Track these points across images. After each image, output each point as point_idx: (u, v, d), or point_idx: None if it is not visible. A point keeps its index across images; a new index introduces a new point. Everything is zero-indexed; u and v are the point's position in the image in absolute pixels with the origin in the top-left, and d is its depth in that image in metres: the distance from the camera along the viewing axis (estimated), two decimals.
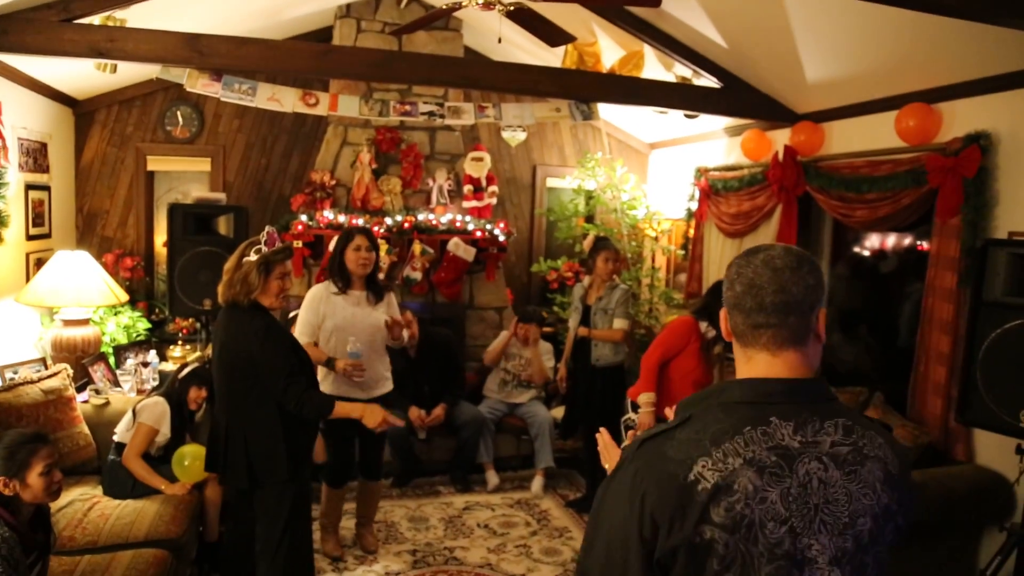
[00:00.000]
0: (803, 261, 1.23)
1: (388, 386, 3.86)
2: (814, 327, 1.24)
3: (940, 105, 3.65)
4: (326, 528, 3.98)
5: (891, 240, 4.45)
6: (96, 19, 3.83)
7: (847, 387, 4.08)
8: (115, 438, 3.62)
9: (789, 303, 1.21)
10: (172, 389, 3.72)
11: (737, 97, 4.60)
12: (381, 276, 3.74)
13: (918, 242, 4.22)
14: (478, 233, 5.48)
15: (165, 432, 3.60)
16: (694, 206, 5.61)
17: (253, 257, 2.84)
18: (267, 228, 2.94)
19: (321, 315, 3.64)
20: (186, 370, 3.77)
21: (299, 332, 3.61)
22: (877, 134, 4.01)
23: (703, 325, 3.83)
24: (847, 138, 4.30)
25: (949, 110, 3.62)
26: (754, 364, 1.25)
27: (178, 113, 5.81)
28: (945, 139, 3.56)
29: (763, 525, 1.13)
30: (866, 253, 4.64)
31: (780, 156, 4.51)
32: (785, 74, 4.28)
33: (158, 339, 5.47)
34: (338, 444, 3.86)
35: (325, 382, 3.65)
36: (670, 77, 4.83)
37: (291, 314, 4.33)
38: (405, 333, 3.86)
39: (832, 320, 4.75)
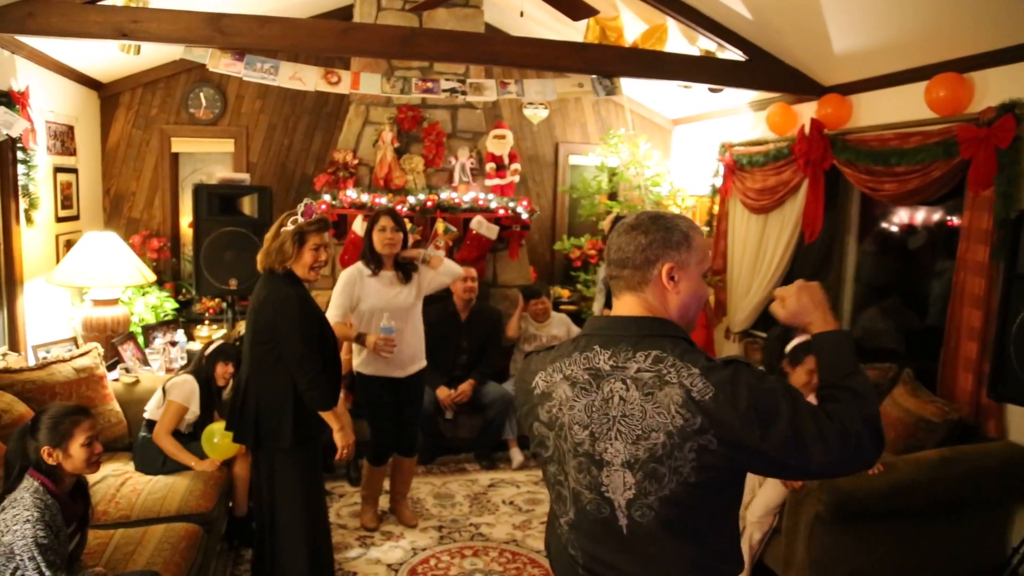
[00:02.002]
0: (639, 225, 1.49)
1: (421, 364, 3.91)
2: (653, 278, 1.47)
3: (972, 74, 3.57)
4: (366, 500, 4.07)
5: (920, 214, 4.37)
6: (119, 0, 3.85)
7: (875, 363, 4.04)
8: (145, 415, 3.68)
9: (623, 259, 1.49)
10: (200, 367, 3.78)
11: (762, 70, 4.53)
12: (404, 253, 3.75)
13: (948, 216, 4.14)
14: (501, 211, 5.47)
15: (194, 410, 3.65)
16: (718, 182, 5.55)
17: (290, 227, 2.91)
18: (305, 200, 3.01)
19: (355, 298, 3.70)
20: (212, 347, 3.82)
21: (330, 312, 3.65)
22: (906, 105, 3.93)
23: None
24: (875, 110, 4.22)
25: (981, 79, 3.53)
26: (619, 305, 1.52)
27: (201, 95, 5.83)
28: (977, 109, 3.48)
29: (571, 427, 1.46)
30: (894, 228, 4.57)
31: (806, 130, 4.44)
32: (811, 46, 4.20)
33: (185, 319, 5.54)
34: (380, 424, 3.91)
35: (367, 363, 3.76)
36: (694, 51, 4.77)
37: None
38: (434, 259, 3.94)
39: (860, 296, 4.69)
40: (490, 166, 5.65)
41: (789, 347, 2.69)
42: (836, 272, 4.75)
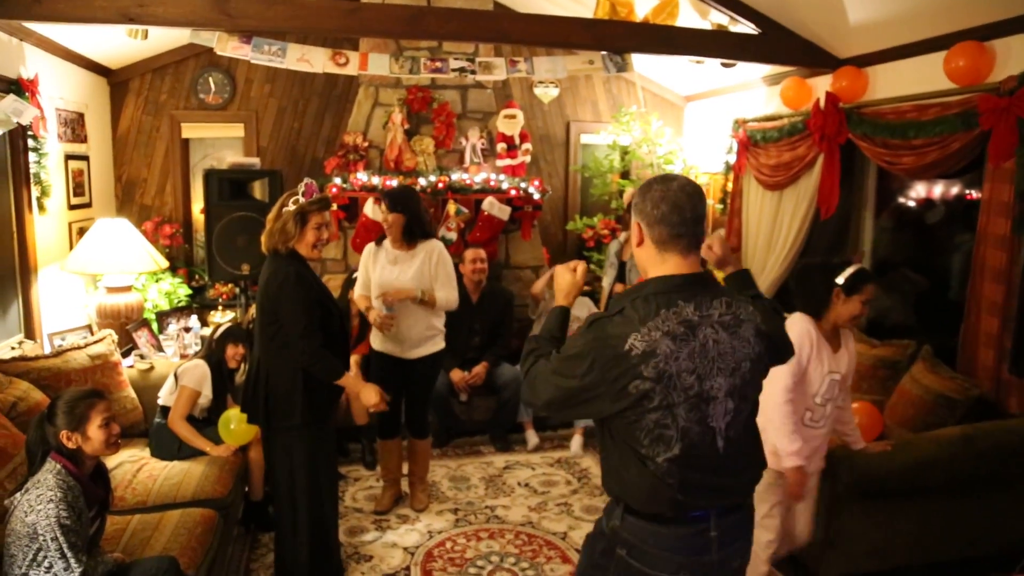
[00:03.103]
0: (700, 191, 1.73)
1: (432, 348, 3.88)
2: (702, 238, 1.75)
3: (993, 42, 3.48)
4: (385, 481, 4.11)
5: (939, 188, 4.30)
6: None
7: (893, 340, 3.99)
8: (160, 401, 3.69)
9: (697, 219, 1.70)
10: (211, 351, 3.78)
11: (776, 43, 4.45)
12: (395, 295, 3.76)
13: (967, 189, 4.07)
14: (512, 192, 5.43)
15: (207, 394, 3.66)
16: (732, 159, 5.48)
17: (292, 207, 2.91)
18: (305, 180, 2.99)
19: (369, 270, 3.83)
20: (221, 330, 3.83)
21: (356, 287, 3.92)
22: (924, 76, 3.85)
23: None
24: (892, 82, 4.14)
25: (1003, 47, 3.44)
26: (667, 265, 1.72)
27: (210, 79, 5.81)
28: (998, 79, 3.39)
29: (679, 376, 1.63)
30: (912, 202, 4.49)
31: (821, 104, 4.37)
32: (826, 17, 4.11)
33: (199, 304, 5.56)
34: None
35: (376, 338, 3.85)
36: (706, 25, 4.69)
37: (352, 275, 4.47)
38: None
39: (877, 272, 4.63)
40: (501, 146, 5.60)
41: (843, 278, 2.72)
42: (853, 248, 4.68)
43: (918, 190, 4.42)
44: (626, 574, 1.78)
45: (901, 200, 4.53)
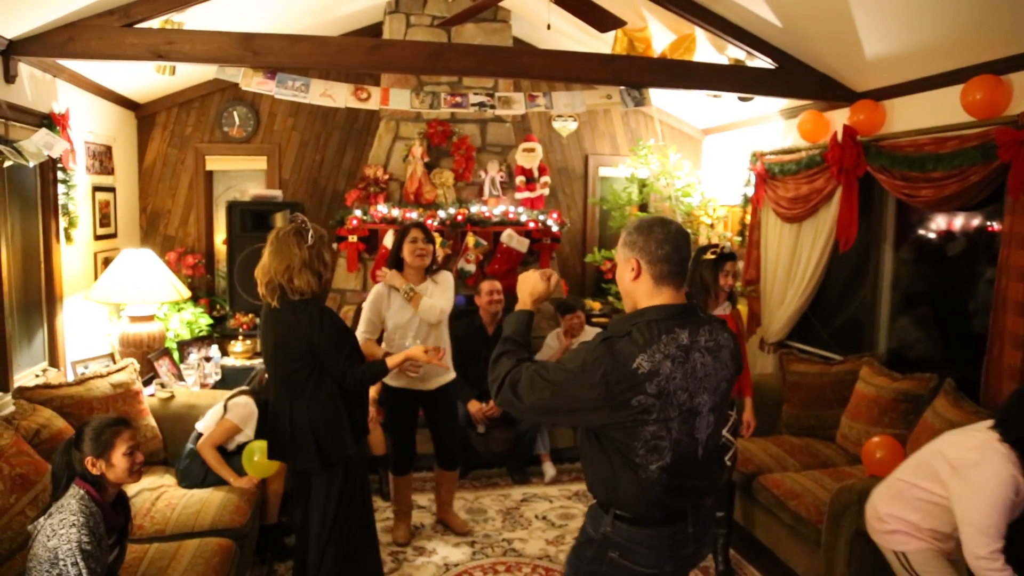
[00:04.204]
0: (686, 234, 1.98)
1: (448, 376, 3.91)
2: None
3: (1010, 76, 3.48)
4: (398, 514, 4.09)
5: (959, 220, 4.28)
6: (155, 23, 3.94)
7: (915, 373, 3.95)
8: (198, 426, 3.70)
9: (687, 259, 1.96)
10: (260, 387, 3.79)
11: (793, 77, 4.48)
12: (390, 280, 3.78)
13: (988, 221, 4.05)
14: (531, 224, 5.46)
15: (248, 433, 3.66)
16: (750, 191, 5.49)
17: (311, 240, 2.90)
18: (293, 214, 3.01)
19: (382, 315, 3.77)
20: None
21: (360, 330, 3.76)
22: (942, 109, 3.85)
23: None
24: (910, 115, 4.15)
25: (1020, 80, 3.44)
26: (662, 296, 1.93)
27: (234, 113, 5.93)
28: (1016, 111, 3.39)
29: (675, 393, 1.85)
30: (932, 235, 4.47)
31: (839, 137, 4.38)
32: (843, 51, 4.14)
33: (220, 334, 5.61)
34: (400, 435, 3.95)
35: (393, 376, 3.77)
36: (723, 60, 4.73)
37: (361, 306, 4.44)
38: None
39: (898, 305, 4.59)
40: (520, 179, 5.65)
41: None
42: (872, 281, 4.66)
43: (938, 222, 4.40)
44: (619, 573, 1.99)
45: (921, 232, 4.51)
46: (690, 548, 2.02)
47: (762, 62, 4.50)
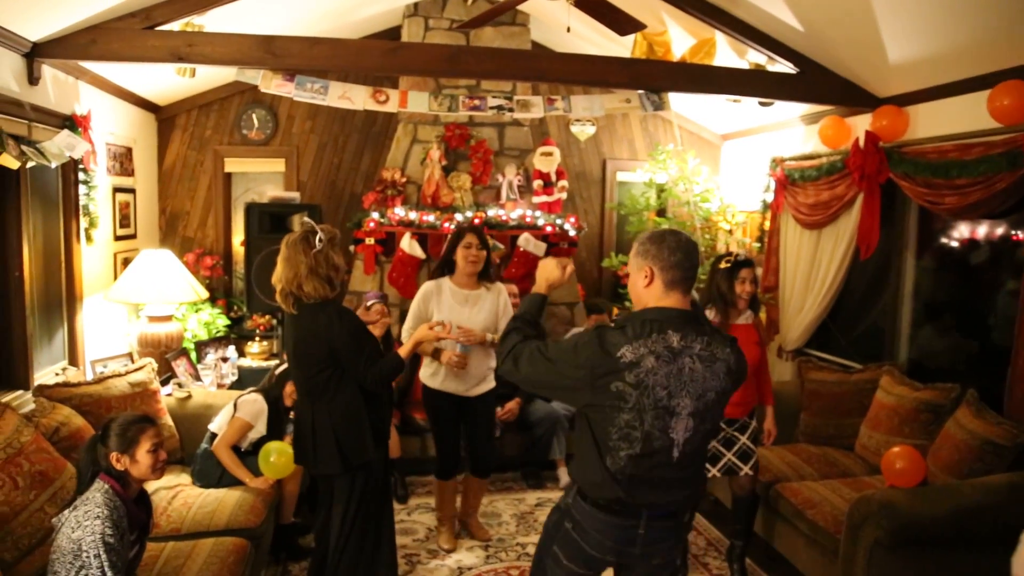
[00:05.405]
0: (694, 244, 2.12)
1: (489, 385, 3.88)
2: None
3: None
4: (441, 521, 4.08)
5: (983, 228, 4.22)
6: (176, 25, 3.97)
7: (936, 383, 3.89)
8: (211, 427, 3.73)
9: (696, 266, 2.09)
10: (270, 385, 3.82)
11: (814, 82, 4.44)
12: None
13: (1013, 230, 3.98)
14: (548, 228, 5.45)
15: (260, 429, 3.68)
16: (769, 197, 5.44)
17: (320, 244, 2.88)
18: (303, 219, 2.99)
19: (429, 311, 3.73)
20: (282, 367, 3.86)
21: (406, 325, 3.78)
22: (967, 115, 3.80)
23: (709, 312, 3.58)
24: (934, 121, 4.10)
25: None
26: (669, 299, 2.06)
27: (253, 116, 5.96)
28: None
29: (654, 388, 1.97)
30: (955, 243, 4.41)
31: (861, 143, 4.33)
32: (866, 56, 4.10)
33: (237, 335, 5.63)
34: (443, 439, 3.92)
35: (435, 377, 3.78)
36: (743, 64, 4.70)
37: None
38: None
39: (919, 314, 4.53)
40: (537, 183, 5.64)
41: None
42: (893, 289, 4.60)
43: (961, 230, 4.34)
44: (567, 544, 2.18)
45: (944, 240, 4.45)
46: (637, 549, 2.12)
47: (783, 67, 4.46)
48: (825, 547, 3.42)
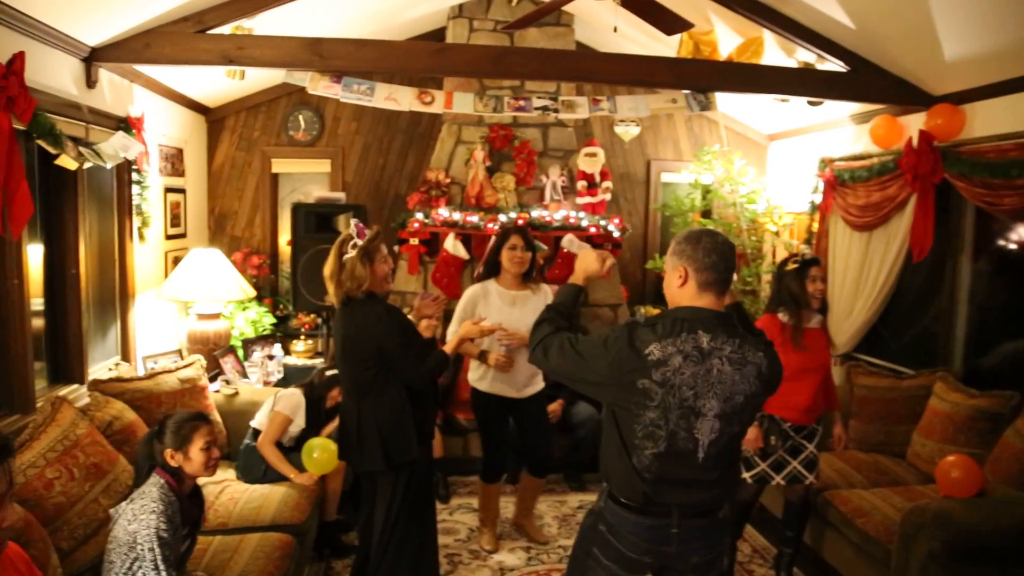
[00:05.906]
0: (730, 244, 2.08)
1: (538, 386, 3.89)
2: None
3: None
4: (484, 522, 4.07)
5: None
6: (226, 29, 4.04)
7: (994, 391, 3.77)
8: (253, 424, 3.79)
9: (732, 268, 2.07)
10: (313, 383, 3.88)
11: (866, 81, 4.34)
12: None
13: None
14: (592, 229, 5.42)
15: (299, 423, 3.74)
16: (818, 199, 5.33)
17: (353, 252, 2.90)
18: (353, 221, 3.00)
19: (476, 314, 3.71)
20: (331, 372, 3.90)
21: (451, 327, 3.77)
22: None
23: (782, 316, 3.54)
24: (992, 119, 3.97)
25: None
26: (703, 300, 2.04)
27: (300, 117, 6.05)
28: None
29: (680, 387, 1.95)
30: (1013, 245, 4.27)
31: (914, 142, 4.22)
32: (920, 53, 4.00)
33: (282, 334, 5.71)
34: (490, 441, 3.93)
35: (484, 380, 3.79)
36: (791, 63, 4.62)
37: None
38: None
39: (975, 318, 4.40)
40: (581, 184, 5.62)
41: None
42: (948, 293, 4.47)
43: (1020, 232, 4.20)
44: (604, 547, 2.16)
45: (1002, 242, 4.31)
46: (672, 548, 2.09)
47: (833, 65, 4.37)
48: (875, 557, 3.34)
